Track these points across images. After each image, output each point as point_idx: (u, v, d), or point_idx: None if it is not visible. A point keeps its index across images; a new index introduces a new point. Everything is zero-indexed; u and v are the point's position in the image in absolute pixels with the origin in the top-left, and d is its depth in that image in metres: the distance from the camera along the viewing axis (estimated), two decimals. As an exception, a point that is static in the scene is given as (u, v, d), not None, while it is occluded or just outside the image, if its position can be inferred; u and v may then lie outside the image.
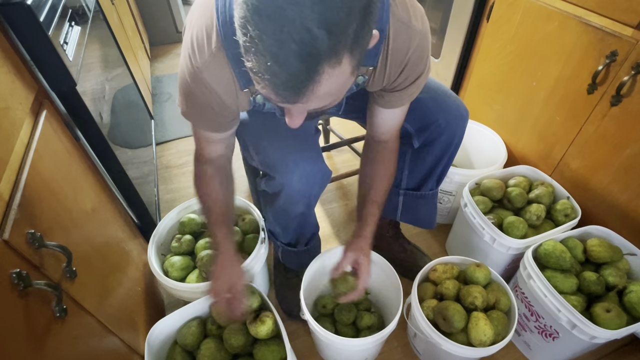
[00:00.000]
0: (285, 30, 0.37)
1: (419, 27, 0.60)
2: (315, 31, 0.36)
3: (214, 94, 0.61)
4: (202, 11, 0.56)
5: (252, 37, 0.38)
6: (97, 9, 1.15)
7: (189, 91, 0.62)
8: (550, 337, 0.86)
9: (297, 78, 0.40)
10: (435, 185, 0.96)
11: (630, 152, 0.87)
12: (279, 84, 0.41)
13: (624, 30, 0.83)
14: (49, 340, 0.50)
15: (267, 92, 0.43)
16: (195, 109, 0.65)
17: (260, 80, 0.42)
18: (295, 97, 0.42)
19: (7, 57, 0.60)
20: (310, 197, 0.77)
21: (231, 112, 0.66)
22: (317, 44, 0.37)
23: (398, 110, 0.75)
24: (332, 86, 0.43)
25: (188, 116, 0.68)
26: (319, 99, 0.44)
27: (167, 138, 1.73)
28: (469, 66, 1.32)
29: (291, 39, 0.37)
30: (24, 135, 0.59)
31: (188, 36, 0.58)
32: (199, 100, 0.62)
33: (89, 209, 0.74)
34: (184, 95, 0.64)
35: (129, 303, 0.81)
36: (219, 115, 0.66)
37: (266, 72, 0.40)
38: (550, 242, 0.87)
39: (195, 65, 0.57)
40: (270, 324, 0.77)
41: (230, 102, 0.63)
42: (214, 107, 0.63)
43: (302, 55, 0.38)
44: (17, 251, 0.47)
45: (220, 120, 0.68)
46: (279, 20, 0.36)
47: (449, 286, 0.86)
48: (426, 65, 0.66)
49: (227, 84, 0.60)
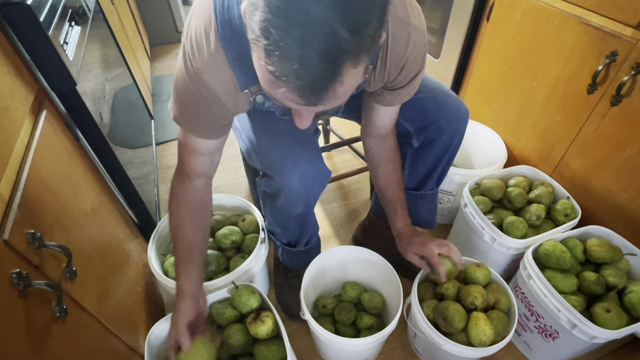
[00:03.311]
0: (310, 32, 0.37)
1: (417, 24, 0.60)
2: (341, 32, 0.37)
3: (213, 95, 0.60)
4: (200, 13, 0.56)
5: (276, 41, 0.38)
6: (97, 9, 1.15)
7: (186, 93, 0.61)
8: (550, 337, 0.86)
9: (322, 80, 0.40)
10: (436, 185, 0.96)
11: (630, 152, 0.87)
12: (305, 87, 0.41)
13: (624, 30, 0.83)
14: (49, 340, 0.50)
15: (290, 95, 0.43)
16: (189, 112, 0.64)
17: (284, 84, 0.41)
18: (318, 99, 0.42)
19: (7, 57, 0.60)
20: (309, 197, 0.77)
21: (229, 113, 0.66)
22: (342, 44, 0.37)
23: (395, 107, 0.76)
24: (350, 86, 0.43)
25: (180, 120, 0.66)
26: (336, 100, 0.44)
27: (167, 138, 1.73)
28: (469, 66, 1.32)
29: (316, 41, 0.37)
30: (24, 135, 0.59)
31: (187, 38, 0.58)
32: (195, 102, 0.62)
33: (89, 209, 0.74)
34: (179, 98, 0.63)
35: (129, 303, 0.81)
36: (215, 117, 0.65)
37: (291, 75, 0.40)
38: (550, 242, 0.87)
39: (195, 66, 0.57)
40: (270, 324, 0.77)
41: (230, 103, 0.63)
42: (212, 109, 0.63)
43: (327, 56, 0.38)
44: (17, 251, 0.47)
45: (215, 123, 0.67)
46: (303, 22, 0.36)
47: (449, 286, 0.85)
48: (424, 62, 0.67)
49: (226, 84, 0.60)
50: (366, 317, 0.93)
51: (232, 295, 0.82)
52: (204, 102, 0.61)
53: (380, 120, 0.80)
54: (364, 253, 0.94)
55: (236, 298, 0.81)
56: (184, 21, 2.55)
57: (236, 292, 0.81)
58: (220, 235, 0.97)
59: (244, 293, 0.81)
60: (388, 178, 0.87)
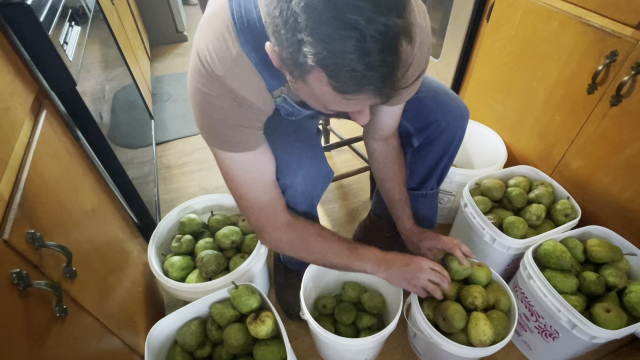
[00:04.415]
0: (363, 38, 0.37)
1: (422, 24, 0.61)
2: (389, 21, 0.38)
3: (242, 99, 0.57)
4: (211, 21, 0.55)
5: (336, 64, 0.39)
6: (97, 9, 1.15)
7: (212, 107, 0.57)
8: (550, 337, 0.86)
9: (392, 71, 0.41)
10: (436, 185, 0.96)
11: (630, 152, 0.87)
12: (380, 86, 0.42)
13: (624, 30, 0.83)
14: (49, 340, 0.50)
15: (367, 101, 0.44)
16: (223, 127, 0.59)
17: (358, 94, 0.43)
18: (392, 90, 0.44)
19: (7, 57, 0.60)
20: (313, 197, 0.77)
21: (258, 116, 0.61)
22: (395, 31, 0.38)
23: (399, 107, 0.77)
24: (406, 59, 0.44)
25: (216, 141, 0.61)
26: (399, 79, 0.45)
27: (167, 138, 1.73)
28: (469, 66, 1.32)
29: (373, 41, 0.38)
30: (24, 136, 0.59)
31: (203, 48, 0.54)
32: (224, 112, 0.57)
33: (89, 209, 0.74)
34: (207, 119, 0.58)
35: (129, 303, 0.81)
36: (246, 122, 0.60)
37: (364, 83, 0.41)
38: (550, 242, 0.87)
39: (219, 75, 0.54)
40: (270, 324, 0.77)
41: (260, 103, 0.59)
42: (242, 114, 0.58)
43: (388, 49, 0.39)
44: (17, 251, 0.47)
45: (255, 132, 0.62)
46: (352, 33, 0.37)
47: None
48: (428, 62, 0.67)
49: (254, 86, 0.57)
50: (366, 317, 0.93)
51: (232, 295, 0.82)
52: (231, 109, 0.57)
53: (383, 121, 0.80)
54: (364, 253, 0.94)
55: (236, 298, 0.81)
56: (184, 21, 2.55)
57: (236, 292, 0.81)
58: (220, 235, 0.97)
59: (244, 293, 0.81)
60: (395, 179, 0.87)
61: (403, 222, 0.90)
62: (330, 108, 0.48)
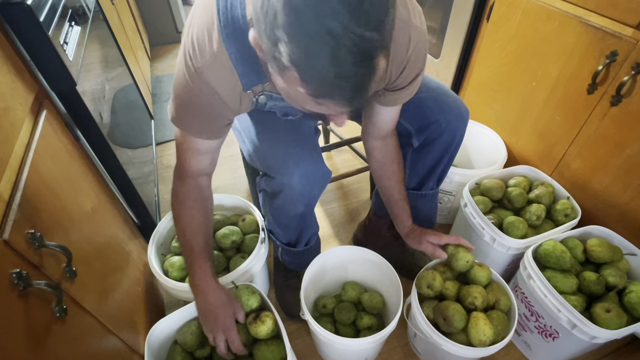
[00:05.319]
0: (338, 46, 0.37)
1: (418, 24, 0.60)
2: (367, 34, 0.37)
3: (215, 94, 0.60)
4: (201, 12, 0.56)
5: (310, 66, 0.39)
6: (97, 9, 1.15)
7: (187, 93, 0.61)
8: (550, 337, 0.86)
9: (363, 83, 0.41)
10: (436, 185, 0.96)
11: (630, 152, 0.87)
12: (350, 96, 0.42)
13: (624, 30, 0.83)
14: (49, 340, 0.50)
15: (335, 107, 0.44)
16: (190, 113, 0.64)
17: (327, 100, 0.43)
18: (362, 100, 0.43)
19: (7, 57, 0.60)
20: (310, 197, 0.77)
21: (230, 113, 0.66)
22: (372, 44, 0.38)
23: (397, 107, 0.76)
24: (382, 74, 0.44)
25: (180, 122, 0.66)
26: (372, 90, 0.45)
27: (167, 138, 1.73)
28: (468, 66, 1.32)
29: (347, 51, 0.38)
30: (24, 135, 0.59)
31: (188, 37, 0.58)
32: (197, 102, 0.61)
33: (89, 209, 0.74)
34: (179, 99, 0.63)
35: (129, 303, 0.81)
36: (217, 117, 0.65)
37: (334, 90, 0.41)
38: (550, 242, 0.87)
39: (196, 66, 0.57)
40: (270, 324, 0.77)
41: (232, 103, 0.63)
42: (213, 109, 0.63)
43: (362, 61, 0.39)
44: (17, 251, 0.47)
45: (216, 124, 0.67)
46: (328, 40, 0.37)
47: (448, 286, 0.85)
48: (425, 63, 0.67)
49: (229, 84, 0.60)
50: (366, 317, 0.93)
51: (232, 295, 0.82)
52: (206, 102, 0.61)
53: (381, 120, 0.80)
54: (364, 253, 0.94)
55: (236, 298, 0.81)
56: (184, 21, 2.55)
57: (236, 292, 0.81)
58: (220, 235, 0.97)
59: (244, 293, 0.81)
60: (394, 178, 0.87)
61: (402, 220, 0.90)
62: (306, 108, 0.48)
